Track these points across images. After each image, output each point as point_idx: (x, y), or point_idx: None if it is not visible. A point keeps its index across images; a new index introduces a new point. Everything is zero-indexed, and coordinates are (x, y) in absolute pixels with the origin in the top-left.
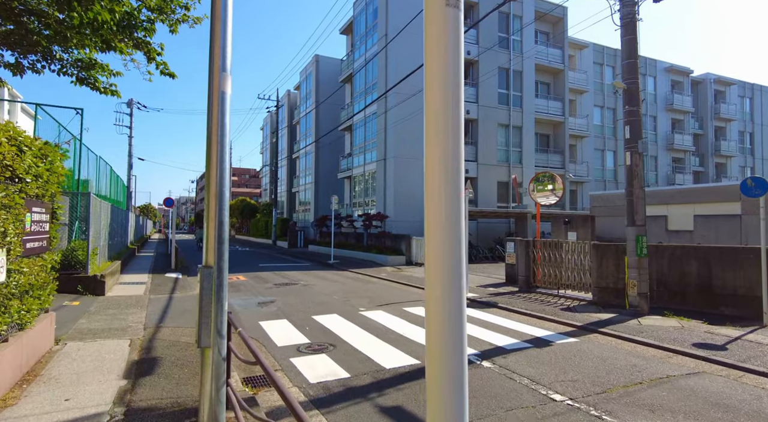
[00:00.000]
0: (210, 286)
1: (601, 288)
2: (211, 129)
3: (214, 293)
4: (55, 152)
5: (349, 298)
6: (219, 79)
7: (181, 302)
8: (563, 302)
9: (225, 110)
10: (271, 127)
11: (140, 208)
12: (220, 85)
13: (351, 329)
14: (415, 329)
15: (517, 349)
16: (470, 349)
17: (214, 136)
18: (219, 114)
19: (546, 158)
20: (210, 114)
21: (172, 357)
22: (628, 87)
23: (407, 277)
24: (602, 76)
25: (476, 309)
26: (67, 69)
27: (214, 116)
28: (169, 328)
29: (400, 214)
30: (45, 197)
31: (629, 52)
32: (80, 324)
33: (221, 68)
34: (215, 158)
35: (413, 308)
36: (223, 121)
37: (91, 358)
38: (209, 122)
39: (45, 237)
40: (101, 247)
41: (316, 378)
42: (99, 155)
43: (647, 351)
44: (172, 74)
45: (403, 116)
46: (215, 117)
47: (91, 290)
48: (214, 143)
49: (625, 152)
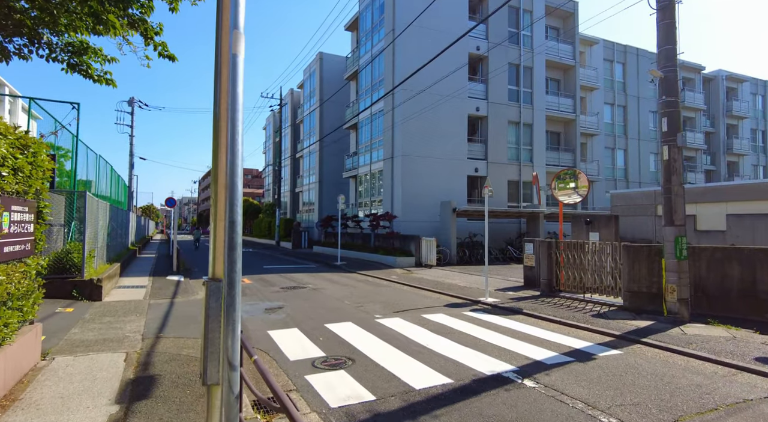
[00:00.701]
0: (218, 305)
1: (633, 293)
2: (219, 104)
3: (224, 315)
4: (40, 144)
5: (362, 303)
6: (229, 38)
7: (183, 308)
8: (592, 308)
9: (237, 79)
10: (274, 126)
11: (142, 209)
12: (230, 46)
13: (369, 339)
14: (439, 340)
15: (558, 364)
16: (506, 364)
17: (223, 112)
18: (229, 85)
19: (557, 157)
20: (218, 86)
21: (172, 375)
22: (665, 75)
23: (419, 279)
24: (612, 73)
25: (501, 316)
26: (57, 54)
27: (223, 87)
28: (170, 339)
29: (408, 214)
30: (28, 195)
31: (667, 38)
32: (72, 335)
33: (232, 25)
34: (224, 141)
35: (432, 315)
36: (235, 93)
37: (81, 377)
38: (216, 95)
39: (28, 240)
40: (99, 249)
41: (338, 401)
42: (99, 154)
43: (705, 367)
44: (171, 56)
45: (411, 113)
46: (224, 89)
47: (86, 295)
48: (223, 123)
49: (662, 146)
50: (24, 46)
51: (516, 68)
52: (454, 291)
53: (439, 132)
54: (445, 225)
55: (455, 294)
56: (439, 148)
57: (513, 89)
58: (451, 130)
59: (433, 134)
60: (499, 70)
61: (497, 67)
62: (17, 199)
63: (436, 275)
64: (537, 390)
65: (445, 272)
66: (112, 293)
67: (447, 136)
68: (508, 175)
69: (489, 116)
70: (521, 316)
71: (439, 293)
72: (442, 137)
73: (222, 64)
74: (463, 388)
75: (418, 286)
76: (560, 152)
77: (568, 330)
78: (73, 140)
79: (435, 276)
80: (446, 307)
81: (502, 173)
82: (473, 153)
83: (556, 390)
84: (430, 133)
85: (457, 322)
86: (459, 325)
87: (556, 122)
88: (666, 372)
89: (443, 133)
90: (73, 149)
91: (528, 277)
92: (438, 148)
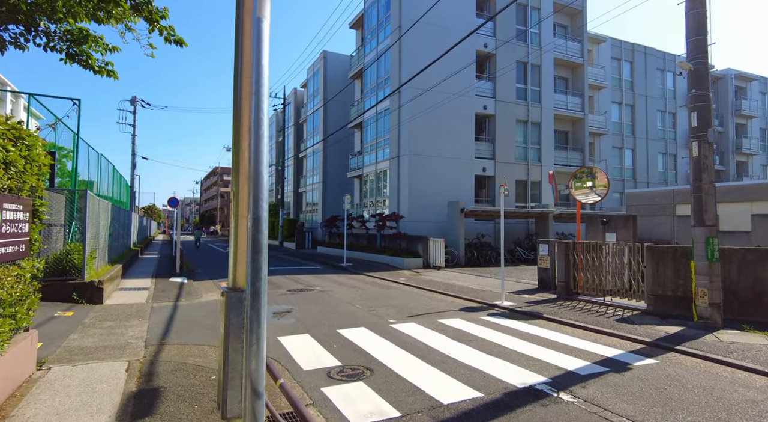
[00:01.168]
0: (240, 321)
1: (657, 296)
2: (241, 79)
3: (247, 332)
4: (35, 137)
5: (374, 307)
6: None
7: (187, 312)
8: (614, 312)
9: (262, 49)
10: (276, 126)
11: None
12: (254, 8)
13: (385, 347)
14: (460, 347)
15: (592, 375)
16: (537, 375)
17: (246, 87)
18: (253, 55)
19: (565, 156)
20: (239, 57)
21: (178, 387)
22: (695, 68)
23: (429, 281)
24: (620, 72)
25: (521, 321)
26: (55, 43)
27: (245, 58)
28: (175, 346)
29: (415, 214)
30: (22, 192)
31: (697, 28)
32: (71, 341)
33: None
34: (247, 123)
35: (449, 320)
36: (260, 65)
37: (79, 390)
38: (237, 69)
39: (22, 240)
40: (100, 250)
41: (360, 419)
42: (101, 153)
43: (754, 380)
44: (180, 40)
45: (417, 112)
46: (246, 60)
47: (87, 298)
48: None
49: (692, 142)
50: (20, 35)
51: (524, 66)
52: (467, 294)
53: (446, 131)
54: (453, 226)
55: (469, 297)
56: (446, 147)
57: (521, 87)
58: (459, 128)
59: (441, 132)
60: (506, 68)
61: (505, 65)
62: (9, 196)
63: (445, 277)
64: (576, 406)
65: (455, 273)
66: (113, 295)
67: (454, 135)
68: (516, 175)
69: (497, 115)
70: (542, 321)
71: (452, 297)
72: (449, 136)
73: (244, 30)
74: (495, 403)
75: (428, 288)
76: (569, 151)
77: (595, 337)
78: (73, 138)
79: (445, 278)
80: (462, 311)
81: (511, 172)
82: (481, 152)
83: (598, 405)
84: (437, 131)
85: (476, 328)
86: (479, 331)
87: (565, 120)
88: (713, 385)
89: (450, 131)
90: (74, 146)
91: (542, 279)
92: (445, 147)
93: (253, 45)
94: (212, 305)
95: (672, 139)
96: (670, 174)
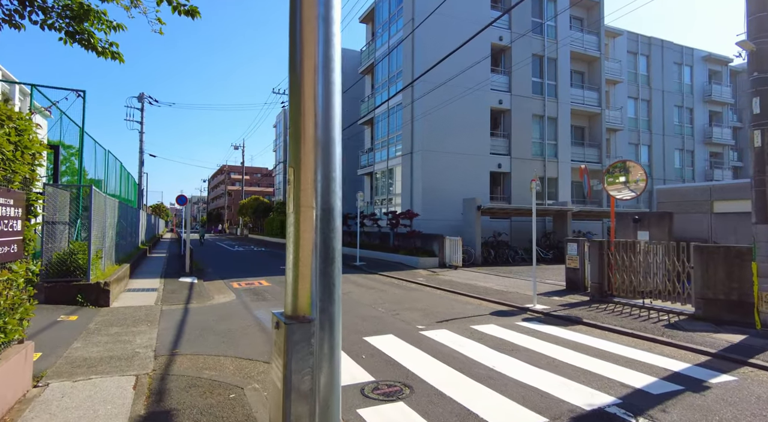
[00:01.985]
0: (308, 371)
1: (708, 300)
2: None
3: (318, 389)
4: (27, 122)
5: (397, 310)
6: None
7: (199, 316)
8: (658, 316)
9: None
10: (284, 123)
11: (152, 207)
12: None
13: (420, 358)
14: (504, 359)
15: (667, 395)
16: (603, 395)
17: (309, 8)
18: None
19: (582, 152)
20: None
21: (193, 410)
22: (758, 48)
23: (449, 282)
24: (636, 66)
25: (560, 327)
26: (53, 20)
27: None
28: (187, 356)
29: (428, 212)
30: (13, 184)
31: (760, 3)
32: (73, 350)
33: None
34: (311, 63)
35: (482, 326)
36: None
37: (79, 414)
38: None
39: (13, 240)
40: (107, 249)
41: None
42: (108, 150)
43: None
44: (193, 10)
45: (430, 107)
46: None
47: (93, 300)
48: (308, 27)
49: (753, 131)
50: (15, 12)
51: (540, 60)
52: (492, 296)
53: (460, 126)
54: (468, 224)
55: (497, 300)
56: (460, 143)
57: (537, 81)
58: (473, 124)
59: (455, 128)
60: (522, 62)
61: (521, 59)
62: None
63: (465, 278)
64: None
65: (474, 273)
66: (120, 297)
67: (469, 130)
68: (532, 171)
69: (512, 110)
70: (582, 326)
71: (478, 299)
72: (463, 132)
73: None
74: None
75: (450, 290)
76: (585, 147)
77: (648, 345)
78: (79, 133)
79: (464, 278)
80: (493, 316)
81: (527, 169)
82: (496, 148)
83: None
84: (451, 127)
85: (514, 335)
86: (518, 339)
87: (581, 116)
88: None
89: (465, 127)
90: (80, 140)
91: (571, 280)
92: (459, 143)
93: None
94: (224, 308)
95: (689, 135)
96: (687, 171)
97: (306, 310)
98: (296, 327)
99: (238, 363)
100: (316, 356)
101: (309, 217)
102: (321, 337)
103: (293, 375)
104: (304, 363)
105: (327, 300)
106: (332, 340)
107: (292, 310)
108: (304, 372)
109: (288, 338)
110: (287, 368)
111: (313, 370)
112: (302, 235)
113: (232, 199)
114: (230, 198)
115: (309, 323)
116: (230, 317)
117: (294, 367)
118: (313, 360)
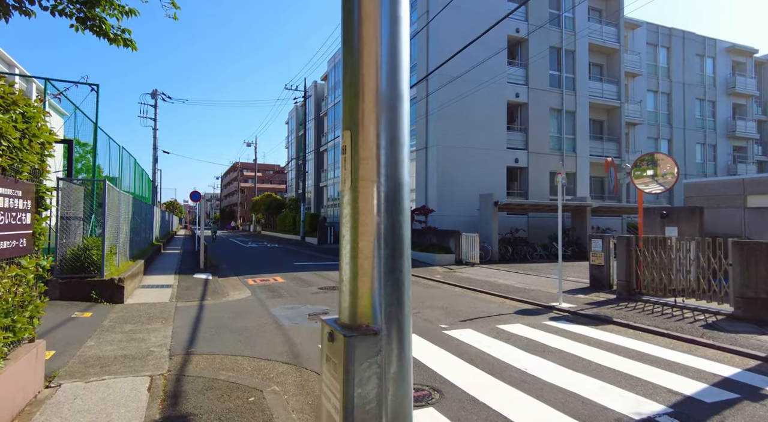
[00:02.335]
0: (372, 395)
1: (748, 299)
2: None
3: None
4: (36, 109)
5: (418, 309)
6: None
7: (215, 313)
8: (693, 316)
9: None
10: (297, 120)
11: (166, 204)
12: None
13: (447, 360)
14: (537, 361)
15: (722, 403)
16: (650, 402)
17: None
18: None
19: (601, 147)
20: None
21: (211, 415)
22: None
23: (467, 279)
24: (656, 58)
25: (589, 327)
26: (64, 6)
27: None
28: (203, 356)
29: (443, 208)
30: (21, 174)
31: None
32: (86, 349)
33: None
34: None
35: (508, 325)
36: None
37: (91, 417)
38: None
39: (22, 234)
40: (121, 245)
41: None
42: (122, 146)
43: None
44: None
45: (446, 100)
46: None
47: (107, 297)
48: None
49: None
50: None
51: (557, 52)
52: (514, 294)
53: (476, 120)
54: (485, 220)
55: (519, 298)
56: (476, 137)
57: (554, 74)
58: (490, 118)
59: (471, 122)
60: (539, 55)
61: (538, 52)
62: (1, 179)
63: (483, 275)
64: None
65: (492, 270)
66: (135, 293)
67: (485, 124)
68: (550, 166)
69: (529, 103)
70: (613, 326)
71: (500, 297)
72: (479, 126)
73: None
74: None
75: (470, 287)
76: (604, 141)
77: (688, 347)
78: (93, 128)
79: (483, 276)
80: (518, 314)
81: (544, 163)
82: (513, 143)
83: None
84: (467, 121)
85: (543, 335)
86: (548, 339)
87: (599, 109)
88: None
89: (481, 121)
90: (93, 135)
91: (595, 277)
92: (475, 137)
93: None
94: (240, 305)
95: (711, 129)
96: (709, 166)
97: (368, 317)
98: (358, 340)
99: (255, 363)
100: (383, 380)
101: (370, 194)
102: (388, 353)
103: (355, 407)
104: (369, 388)
105: (395, 305)
106: (402, 358)
107: (350, 317)
108: (369, 401)
109: (348, 355)
110: (346, 395)
111: (379, 398)
112: (362, 219)
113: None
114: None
115: (375, 335)
116: (246, 314)
117: (357, 393)
118: (380, 385)
